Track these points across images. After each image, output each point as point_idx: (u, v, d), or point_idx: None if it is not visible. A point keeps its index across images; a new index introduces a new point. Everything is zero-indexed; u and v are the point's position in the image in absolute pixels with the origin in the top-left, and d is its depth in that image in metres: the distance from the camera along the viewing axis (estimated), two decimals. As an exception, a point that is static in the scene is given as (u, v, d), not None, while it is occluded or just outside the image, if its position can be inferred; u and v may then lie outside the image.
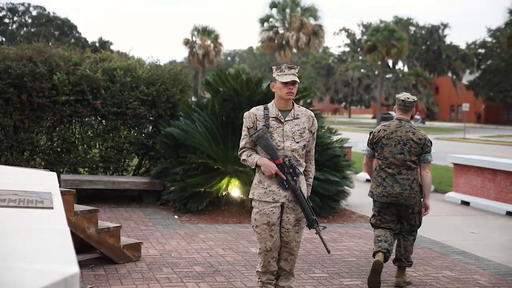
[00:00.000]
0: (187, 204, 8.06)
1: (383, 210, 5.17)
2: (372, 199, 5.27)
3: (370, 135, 5.26)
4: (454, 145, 27.54)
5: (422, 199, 5.15)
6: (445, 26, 59.93)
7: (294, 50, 42.31)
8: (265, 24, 42.29)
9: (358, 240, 6.93)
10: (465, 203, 10.01)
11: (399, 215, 5.18)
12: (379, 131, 5.16)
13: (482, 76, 54.76)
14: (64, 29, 59.79)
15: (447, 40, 60.63)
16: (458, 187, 10.40)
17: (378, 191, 5.12)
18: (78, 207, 5.29)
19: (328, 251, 4.05)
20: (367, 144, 5.28)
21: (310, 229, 4.07)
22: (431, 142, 5.13)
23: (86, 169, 9.21)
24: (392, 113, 62.94)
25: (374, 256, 5.00)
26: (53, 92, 8.53)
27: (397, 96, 5.25)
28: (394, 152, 5.04)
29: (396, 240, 5.25)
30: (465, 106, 37.63)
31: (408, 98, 5.15)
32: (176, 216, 7.89)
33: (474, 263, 6.08)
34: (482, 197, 9.79)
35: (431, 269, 5.75)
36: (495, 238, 7.41)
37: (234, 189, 8.08)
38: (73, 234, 5.18)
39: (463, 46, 60.80)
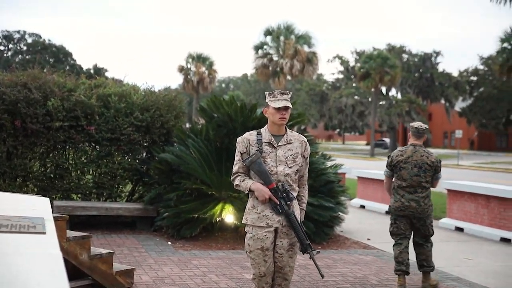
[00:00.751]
0: (180, 230, 8.02)
1: (399, 219, 6.06)
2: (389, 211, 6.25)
3: (388, 158, 6.12)
4: (448, 172, 27.60)
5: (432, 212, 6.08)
6: (438, 53, 60.52)
7: (288, 77, 42.58)
8: (260, 51, 42.61)
9: (352, 266, 6.90)
10: (459, 229, 10.00)
11: (414, 227, 6.06)
12: (397, 156, 6.02)
13: (475, 103, 55.18)
14: (59, 56, 60.08)
15: (440, 68, 61.12)
16: (452, 213, 10.40)
17: (396, 206, 6.02)
18: (71, 233, 5.26)
19: (322, 276, 4.04)
20: (386, 166, 6.15)
21: (304, 253, 4.06)
22: (441, 162, 6.07)
23: (79, 195, 9.17)
24: (386, 140, 63.03)
25: (396, 273, 5.98)
26: (47, 118, 8.54)
27: (411, 124, 6.11)
28: (411, 174, 5.93)
29: (415, 250, 6.12)
30: (458, 133, 37.83)
31: (421, 125, 6.04)
32: (169, 242, 7.85)
33: (469, 289, 6.05)
34: (476, 223, 9.79)
35: (425, 295, 5.72)
36: (489, 264, 7.40)
37: (228, 215, 8.06)
38: (65, 261, 5.14)
39: (455, 73, 61.38)
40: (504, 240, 9.14)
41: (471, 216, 9.93)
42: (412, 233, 6.13)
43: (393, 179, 6.13)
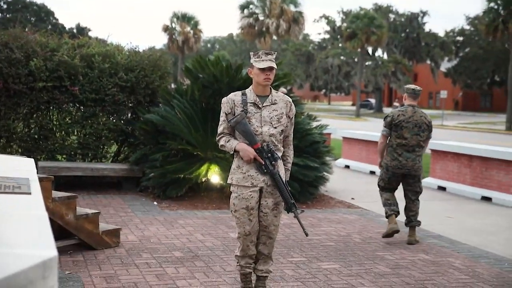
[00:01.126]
0: (166, 191, 8.07)
1: (393, 178, 6.42)
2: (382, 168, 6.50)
3: (387, 118, 6.40)
4: (432, 132, 27.82)
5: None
6: (424, 13, 60.20)
7: (274, 37, 42.23)
8: (245, 11, 42.10)
9: (336, 225, 7.02)
10: (442, 189, 10.16)
11: (407, 184, 6.45)
12: (398, 115, 6.30)
13: (460, 63, 55.29)
14: (40, 15, 58.85)
15: (426, 28, 60.92)
16: (435, 173, 10.55)
17: (394, 164, 6.34)
18: (56, 194, 5.28)
19: (306, 234, 4.10)
20: (385, 126, 6.41)
21: (288, 212, 4.12)
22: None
23: (64, 156, 9.15)
24: (372, 100, 63.21)
25: (387, 217, 6.37)
26: (30, 79, 8.43)
27: (407, 86, 6.45)
28: (411, 133, 6.28)
29: (407, 206, 6.49)
30: (443, 93, 38.04)
31: (417, 87, 6.39)
32: (155, 203, 7.90)
33: (449, 246, 6.20)
34: (458, 182, 9.95)
35: (407, 252, 5.86)
36: (470, 222, 7.56)
37: (214, 175, 8.11)
38: (51, 221, 5.17)
39: (441, 33, 61.25)
40: (485, 198, 9.31)
41: (454, 176, 10.08)
42: (404, 191, 6.56)
43: (389, 139, 6.45)
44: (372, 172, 12.15)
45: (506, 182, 9.08)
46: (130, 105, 9.29)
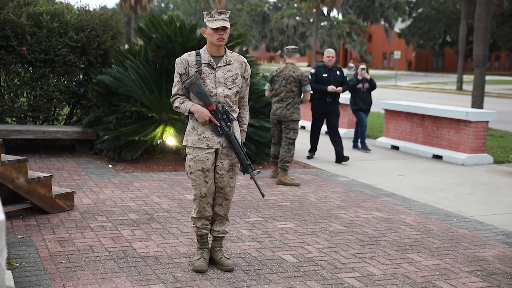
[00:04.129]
0: (121, 153, 7.96)
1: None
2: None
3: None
4: (386, 92, 28.27)
5: None
6: (379, -27, 60.29)
7: (229, -3, 41.62)
8: (199, -31, 41.23)
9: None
10: (395, 148, 10.37)
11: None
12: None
13: (413, 24, 55.82)
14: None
15: (380, -12, 61.13)
16: (389, 132, 10.74)
17: None
18: (6, 157, 5.13)
19: (263, 195, 4.12)
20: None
21: (244, 174, 4.12)
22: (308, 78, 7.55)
23: (14, 118, 8.89)
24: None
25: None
26: (-26, 38, 8.09)
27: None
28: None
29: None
30: (397, 54, 38.48)
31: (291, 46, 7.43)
32: (110, 165, 7.80)
33: (402, 204, 6.36)
34: (410, 141, 10.17)
35: (361, 210, 5.98)
36: (421, 180, 7.76)
37: (169, 137, 8.03)
38: (1, 185, 5.05)
39: (395, -6, 61.52)
40: (436, 157, 9.56)
41: (406, 135, 10.29)
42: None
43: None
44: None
45: (455, 141, 9.33)
46: (82, 66, 9.05)
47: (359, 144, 10.17)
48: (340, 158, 8.72)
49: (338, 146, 8.71)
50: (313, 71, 8.92)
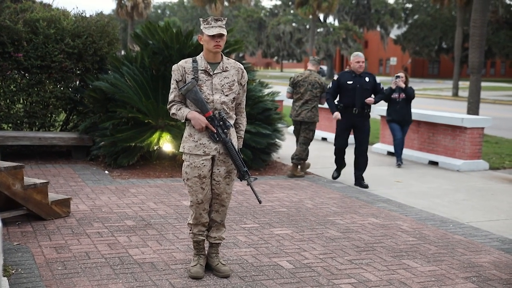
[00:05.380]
0: (117, 159, 7.95)
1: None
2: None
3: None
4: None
5: None
6: (375, -20, 60.50)
7: (226, 3, 41.70)
8: (196, -24, 41.29)
9: (288, 191, 7.10)
10: (391, 154, 10.39)
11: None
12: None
13: (409, 30, 56.02)
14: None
15: (376, -6, 61.33)
16: (385, 139, 10.76)
17: None
18: (2, 164, 5.13)
19: (260, 201, 4.12)
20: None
21: (241, 180, 4.12)
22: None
23: (10, 125, 8.88)
24: (324, 67, 63.79)
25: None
26: (-30, 44, 8.09)
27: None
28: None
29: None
30: (393, 60, 38.66)
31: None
32: (106, 172, 7.79)
33: (398, 210, 6.38)
34: (406, 147, 10.19)
35: (357, 216, 5.99)
36: (417, 186, 7.78)
37: (166, 143, 8.03)
38: (-2, 192, 5.04)
39: (391, 0, 61.81)
40: (432, 163, 9.59)
41: (402, 141, 10.30)
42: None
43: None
44: (324, 139, 12.30)
45: (451, 147, 9.36)
46: (78, 72, 9.06)
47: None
48: (359, 183, 7.61)
49: (359, 170, 7.63)
50: (336, 77, 8.03)
